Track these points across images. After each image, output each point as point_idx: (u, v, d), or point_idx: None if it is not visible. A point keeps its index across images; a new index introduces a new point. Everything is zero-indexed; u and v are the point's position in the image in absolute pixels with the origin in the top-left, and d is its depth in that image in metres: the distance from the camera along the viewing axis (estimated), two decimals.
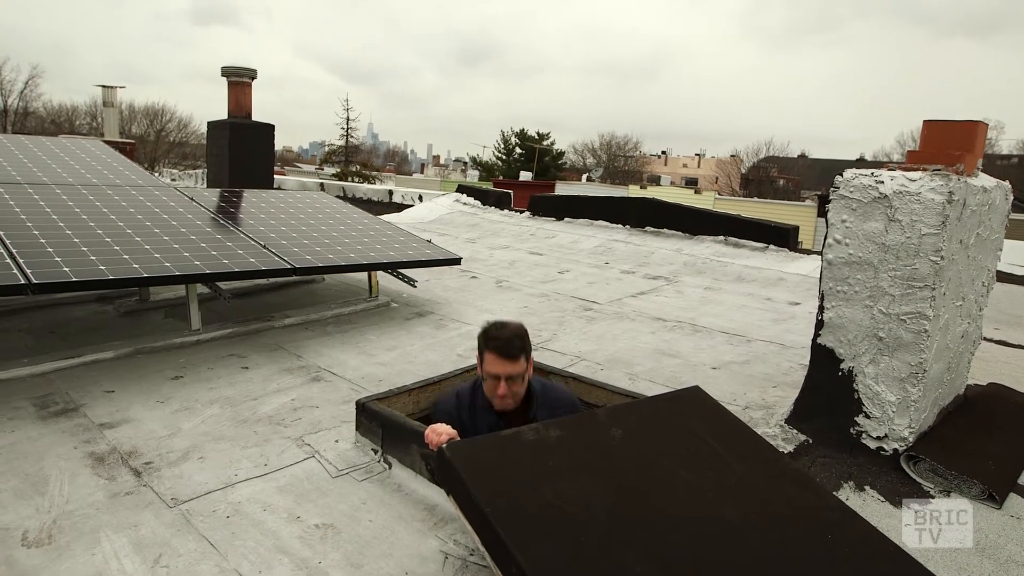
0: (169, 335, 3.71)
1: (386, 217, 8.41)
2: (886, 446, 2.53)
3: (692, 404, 2.20)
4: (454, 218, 9.14)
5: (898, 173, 2.47)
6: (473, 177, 42.60)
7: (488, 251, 7.10)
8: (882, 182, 2.46)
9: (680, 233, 7.53)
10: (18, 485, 2.21)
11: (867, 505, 2.28)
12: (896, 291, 2.46)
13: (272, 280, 4.86)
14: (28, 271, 3.02)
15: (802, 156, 51.61)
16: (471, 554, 1.96)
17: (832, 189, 2.60)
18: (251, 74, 9.48)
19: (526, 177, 30.72)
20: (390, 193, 11.71)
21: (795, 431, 2.73)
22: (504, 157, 44.47)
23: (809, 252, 6.95)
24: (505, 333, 2.31)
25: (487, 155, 46.98)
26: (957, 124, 2.63)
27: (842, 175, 2.59)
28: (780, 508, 1.82)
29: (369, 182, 27.70)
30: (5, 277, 2.94)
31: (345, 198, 11.69)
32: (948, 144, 2.57)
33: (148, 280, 3.35)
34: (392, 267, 4.52)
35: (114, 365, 3.33)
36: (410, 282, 4.81)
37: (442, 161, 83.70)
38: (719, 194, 36.10)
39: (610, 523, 1.65)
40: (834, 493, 2.26)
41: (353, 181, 25.72)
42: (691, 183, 48.34)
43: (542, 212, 8.88)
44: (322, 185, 12.96)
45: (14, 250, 3.24)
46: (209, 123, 9.63)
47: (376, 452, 2.51)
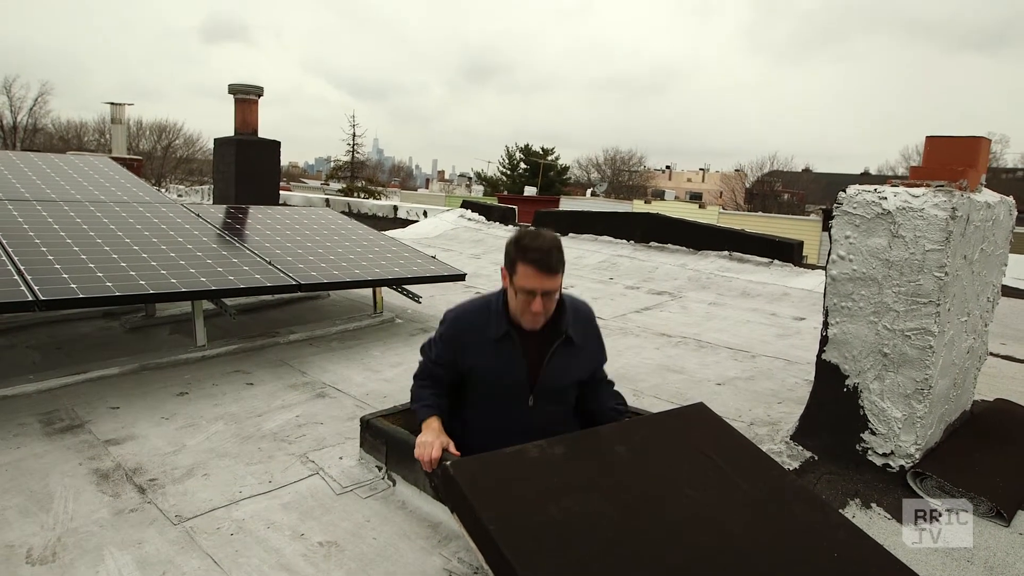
0: (175, 351, 3.73)
1: (391, 233, 8.45)
2: (892, 463, 2.51)
3: (697, 421, 2.19)
4: (458, 233, 9.17)
5: (901, 189, 2.47)
6: (478, 192, 42.75)
7: (492, 267, 7.11)
8: (885, 198, 2.46)
9: (684, 248, 7.54)
10: (23, 502, 2.22)
11: (874, 523, 2.26)
12: (900, 307, 2.45)
13: (277, 296, 4.88)
14: (36, 288, 3.05)
15: (806, 170, 51.60)
16: (475, 572, 1.96)
17: (836, 205, 2.60)
18: (257, 91, 9.58)
19: (530, 192, 30.84)
20: (395, 209, 11.76)
21: (800, 448, 2.72)
22: (509, 172, 44.66)
23: (814, 267, 6.94)
24: (544, 243, 2.07)
25: (492, 170, 47.25)
26: (960, 140, 2.64)
27: (845, 191, 2.59)
28: (786, 526, 1.81)
29: (374, 197, 27.79)
30: (13, 294, 2.96)
31: (350, 214, 11.76)
32: (951, 160, 2.58)
33: (154, 297, 3.37)
34: (397, 283, 4.53)
35: (120, 381, 3.34)
36: (415, 298, 4.82)
37: (447, 176, 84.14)
38: (723, 208, 36.12)
39: (615, 541, 1.64)
40: (840, 510, 2.24)
41: (358, 197, 25.83)
42: (695, 198, 48.41)
43: (546, 227, 8.88)
44: (327, 201, 13.02)
45: (22, 267, 3.27)
46: (216, 140, 9.72)
47: (380, 469, 2.51)
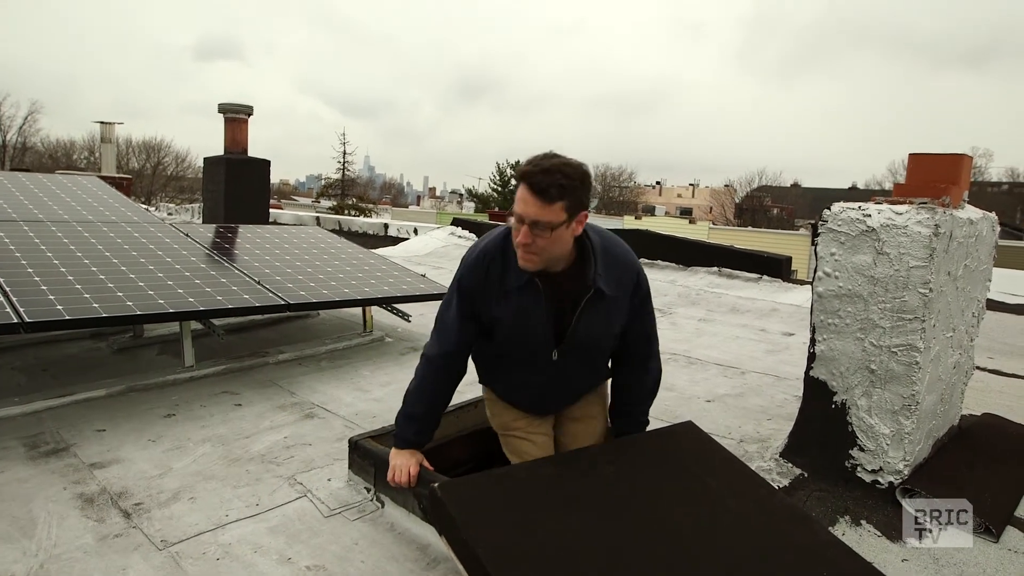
0: (162, 372, 3.70)
1: (381, 250, 8.45)
2: (881, 479, 2.52)
3: (686, 439, 2.19)
4: (449, 251, 9.18)
5: (885, 206, 2.50)
6: (469, 209, 42.86)
7: None
8: (869, 215, 2.49)
9: (674, 264, 7.57)
10: (5, 528, 2.18)
11: (864, 540, 2.26)
12: (886, 323, 2.47)
13: (267, 315, 4.86)
14: (21, 309, 3.02)
15: (795, 185, 52.11)
16: None
17: (821, 222, 2.63)
18: (247, 111, 9.59)
19: None
20: (385, 227, 11.79)
21: (790, 465, 2.72)
22: (499, 189, 44.75)
23: (802, 282, 6.98)
24: (546, 163, 1.70)
25: (483, 187, 47.34)
26: (942, 157, 2.67)
27: (830, 208, 2.61)
28: (775, 545, 1.81)
29: (365, 215, 27.83)
30: None
31: (341, 231, 11.77)
32: (934, 177, 2.60)
33: (141, 318, 3.35)
34: (386, 302, 4.52)
35: (106, 403, 3.31)
36: (404, 317, 4.81)
37: (438, 193, 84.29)
38: (713, 224, 36.34)
39: (604, 562, 1.63)
40: (830, 528, 2.24)
41: (349, 214, 25.85)
42: (686, 213, 48.73)
43: None
44: (318, 219, 13.03)
45: (7, 288, 3.24)
46: (205, 159, 9.71)
47: (369, 491, 2.49)
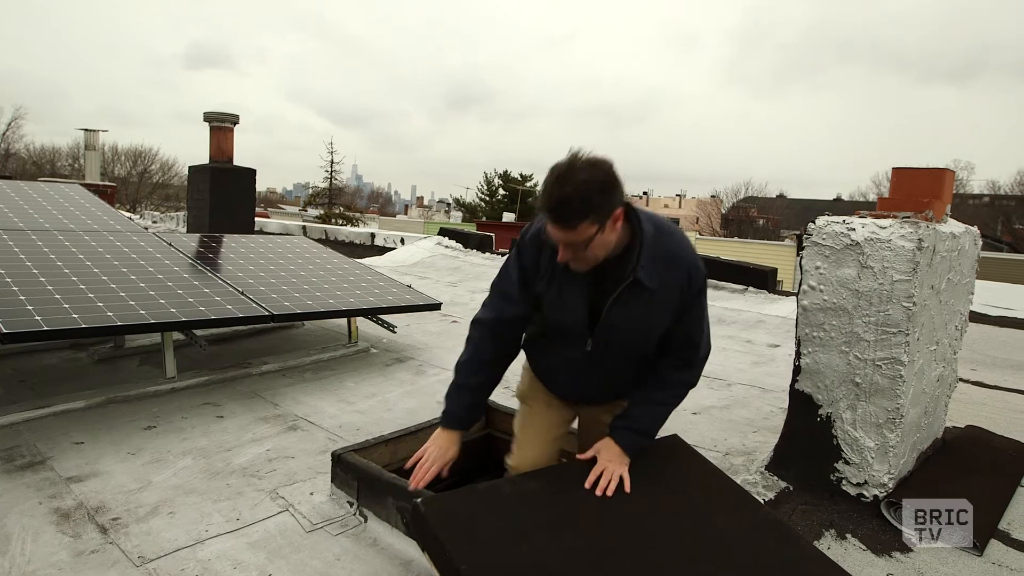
0: (143, 383, 3.65)
1: (368, 260, 8.42)
2: (866, 492, 2.52)
3: (671, 454, 2.18)
4: (435, 261, 9.16)
5: (869, 220, 2.51)
6: (456, 218, 42.86)
7: (469, 295, 7.09)
8: (853, 229, 2.50)
9: None
10: None
11: (848, 554, 2.26)
12: (871, 337, 2.48)
13: (250, 326, 4.81)
14: None
15: (781, 196, 52.50)
16: None
17: (806, 236, 2.64)
18: (233, 119, 9.56)
19: (509, 218, 30.86)
20: (372, 236, 11.74)
21: (776, 478, 2.72)
22: (487, 198, 44.85)
23: (788, 294, 7.02)
24: (562, 190, 1.62)
25: (471, 196, 47.43)
26: (925, 171, 2.69)
27: (815, 222, 2.62)
28: (760, 560, 1.80)
29: (352, 224, 27.73)
30: None
31: (327, 241, 11.71)
32: (917, 191, 2.62)
33: (122, 329, 3.30)
34: (371, 313, 4.49)
35: (85, 415, 3.26)
36: (390, 328, 4.78)
37: (426, 202, 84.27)
38: (700, 234, 36.54)
39: None
40: (815, 542, 2.24)
41: (336, 223, 25.74)
42: (672, 223, 48.83)
43: None
44: (304, 228, 12.96)
45: None
46: (190, 167, 9.65)
47: (352, 505, 2.46)
